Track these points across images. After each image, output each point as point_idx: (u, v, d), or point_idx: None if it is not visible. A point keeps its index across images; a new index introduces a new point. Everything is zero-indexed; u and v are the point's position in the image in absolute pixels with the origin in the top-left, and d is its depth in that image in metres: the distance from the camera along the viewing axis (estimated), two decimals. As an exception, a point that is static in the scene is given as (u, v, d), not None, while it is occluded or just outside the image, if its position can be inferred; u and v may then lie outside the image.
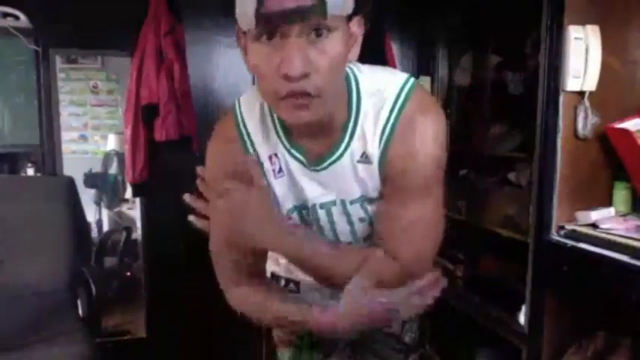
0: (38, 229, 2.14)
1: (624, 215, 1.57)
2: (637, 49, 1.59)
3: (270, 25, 0.70)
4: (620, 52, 1.57)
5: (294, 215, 0.96)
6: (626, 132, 1.50)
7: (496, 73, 2.17)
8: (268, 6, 0.68)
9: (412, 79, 0.85)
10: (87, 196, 3.09)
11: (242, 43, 0.79)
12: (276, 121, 0.88)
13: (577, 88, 1.53)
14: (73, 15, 2.28)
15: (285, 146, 0.89)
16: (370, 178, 0.89)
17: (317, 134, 0.85)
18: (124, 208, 3.43)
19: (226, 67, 2.50)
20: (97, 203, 3.43)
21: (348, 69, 0.85)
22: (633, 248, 1.35)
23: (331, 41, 0.72)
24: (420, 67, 2.60)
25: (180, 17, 2.22)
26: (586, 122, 1.54)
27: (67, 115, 3.20)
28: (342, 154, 0.87)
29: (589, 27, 1.50)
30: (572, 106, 1.55)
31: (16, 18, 2.24)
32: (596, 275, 1.45)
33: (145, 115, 2.18)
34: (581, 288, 1.52)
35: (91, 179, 3.31)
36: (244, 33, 0.76)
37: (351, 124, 0.86)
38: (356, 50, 0.81)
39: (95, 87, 3.33)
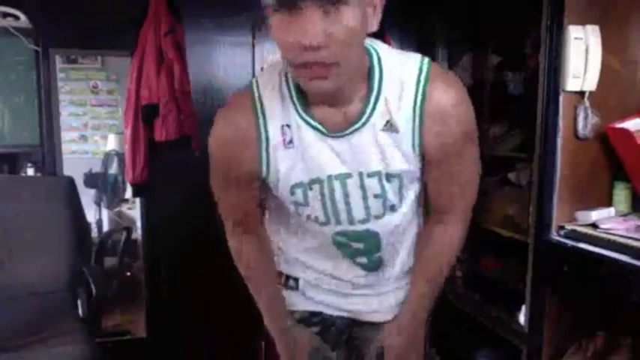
0: (38, 229, 2.13)
1: (624, 215, 1.57)
2: (637, 49, 1.59)
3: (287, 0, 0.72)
4: (620, 52, 1.57)
5: (299, 192, 0.95)
6: (626, 132, 1.50)
7: (496, 73, 2.16)
8: None
9: (426, 58, 0.90)
10: (87, 196, 3.07)
11: (267, 16, 0.80)
12: (293, 90, 0.89)
13: (577, 88, 1.53)
14: (73, 15, 2.28)
15: (301, 116, 0.89)
16: (396, 148, 0.90)
17: (335, 103, 0.87)
18: (124, 208, 3.42)
19: (226, 67, 2.50)
20: (97, 203, 3.42)
21: (367, 45, 0.87)
22: (633, 248, 1.35)
23: (348, 12, 0.73)
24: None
25: (180, 17, 2.22)
26: (586, 122, 1.54)
27: (67, 115, 3.18)
28: (363, 125, 0.88)
29: (589, 27, 1.50)
30: (572, 106, 1.55)
31: (16, 18, 2.24)
32: (596, 275, 1.45)
33: (145, 115, 2.18)
34: (581, 288, 1.52)
35: (91, 179, 3.30)
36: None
37: (373, 96, 0.87)
38: (376, 20, 0.82)
39: (95, 87, 3.31)
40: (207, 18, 2.42)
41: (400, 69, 0.88)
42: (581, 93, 1.55)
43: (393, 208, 1.00)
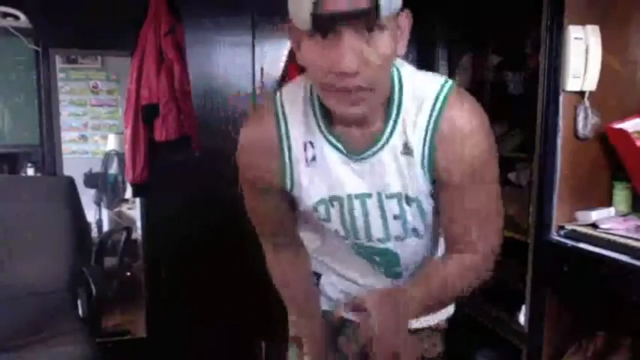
0: (38, 229, 2.14)
1: (624, 215, 1.57)
2: (637, 49, 1.59)
3: (325, 26, 0.71)
4: (620, 52, 1.57)
5: (321, 209, 0.95)
6: (624, 133, 1.50)
7: (496, 73, 2.17)
8: (324, 8, 0.70)
9: (450, 80, 0.89)
10: (87, 196, 3.08)
11: (293, 37, 0.80)
12: (317, 109, 0.89)
13: (577, 88, 1.53)
14: (73, 15, 2.28)
15: (324, 135, 0.89)
16: (410, 174, 0.89)
17: (359, 124, 0.87)
18: (124, 208, 3.43)
19: (226, 67, 2.50)
20: (97, 203, 3.43)
21: None
22: (633, 248, 1.35)
23: (383, 38, 0.74)
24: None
25: (180, 17, 2.22)
26: (586, 122, 1.54)
27: (67, 115, 3.19)
28: (383, 147, 0.88)
29: (589, 27, 1.50)
30: (572, 106, 1.55)
31: (16, 18, 2.25)
32: (596, 275, 1.45)
33: (145, 115, 2.18)
34: (581, 288, 1.52)
35: (91, 179, 3.31)
36: (296, 27, 0.77)
37: (393, 117, 0.87)
38: (404, 43, 0.82)
39: (95, 87, 3.32)
40: (207, 18, 2.42)
41: (420, 90, 0.87)
42: (581, 93, 1.55)
43: (416, 233, 0.99)
